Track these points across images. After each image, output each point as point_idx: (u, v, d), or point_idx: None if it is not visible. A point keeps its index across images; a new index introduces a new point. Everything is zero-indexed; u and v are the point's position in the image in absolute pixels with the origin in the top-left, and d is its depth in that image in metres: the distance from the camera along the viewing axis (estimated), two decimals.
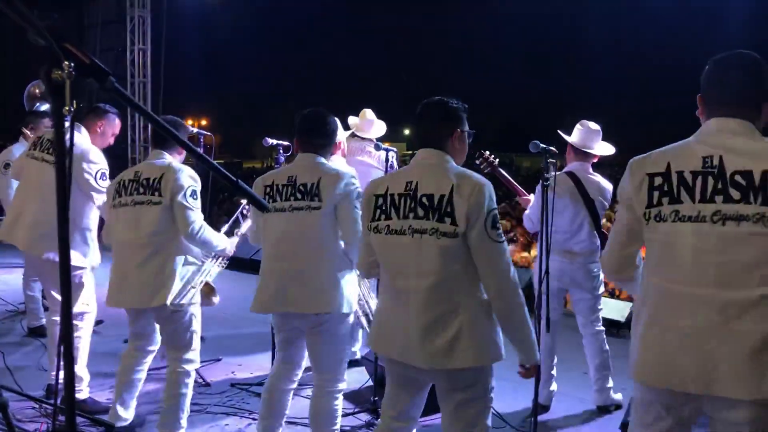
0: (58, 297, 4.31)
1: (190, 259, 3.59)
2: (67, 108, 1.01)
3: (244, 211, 4.30)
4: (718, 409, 2.00)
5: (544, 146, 3.56)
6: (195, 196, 3.48)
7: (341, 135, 5.04)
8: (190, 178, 3.48)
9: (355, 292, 3.23)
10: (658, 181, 2.10)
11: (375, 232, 2.59)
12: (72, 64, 1.02)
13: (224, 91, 64.27)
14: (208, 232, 3.51)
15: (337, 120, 3.36)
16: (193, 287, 3.54)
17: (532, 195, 4.34)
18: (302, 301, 3.10)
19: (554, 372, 4.37)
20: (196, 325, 3.63)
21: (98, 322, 5.98)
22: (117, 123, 4.33)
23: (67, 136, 1.05)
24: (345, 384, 3.33)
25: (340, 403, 3.30)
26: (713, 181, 1.99)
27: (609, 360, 4.32)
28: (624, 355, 2.46)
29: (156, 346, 3.84)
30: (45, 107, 6.05)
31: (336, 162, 4.94)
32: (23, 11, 0.96)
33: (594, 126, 4.25)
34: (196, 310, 3.61)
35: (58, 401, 3.25)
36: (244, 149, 54.34)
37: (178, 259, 3.50)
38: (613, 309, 6.32)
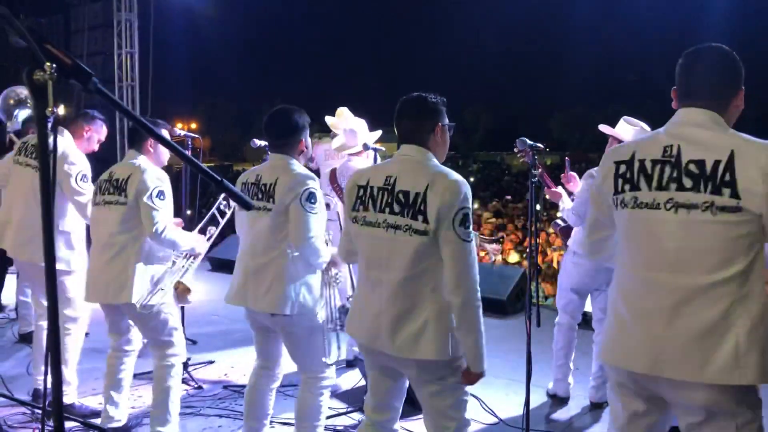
0: (45, 302, 4.31)
1: (157, 259, 3.62)
2: (49, 109, 1.01)
3: (221, 207, 4.29)
4: (670, 390, 2.08)
5: (531, 143, 3.58)
6: (162, 197, 3.50)
7: (368, 136, 4.98)
8: (156, 179, 3.51)
9: (310, 295, 3.15)
10: (622, 168, 2.18)
11: (353, 222, 2.65)
12: (54, 66, 1.02)
13: (213, 94, 64.15)
14: (172, 232, 3.54)
15: (305, 117, 3.26)
16: (162, 288, 3.56)
17: (559, 188, 4.32)
18: (255, 299, 3.15)
19: (571, 366, 4.44)
20: (174, 322, 3.66)
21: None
22: (104, 130, 4.41)
23: (51, 137, 1.05)
24: (330, 381, 3.34)
25: (324, 400, 3.31)
26: (669, 170, 2.07)
27: None
28: None
29: (134, 346, 3.86)
30: (24, 114, 5.98)
31: (358, 164, 4.91)
32: (4, 13, 0.96)
33: (646, 126, 4.12)
34: (171, 309, 3.64)
35: (47, 405, 3.24)
36: (233, 152, 54.26)
37: (142, 259, 3.53)
38: None
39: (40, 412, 4.00)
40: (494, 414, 4.14)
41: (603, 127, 4.23)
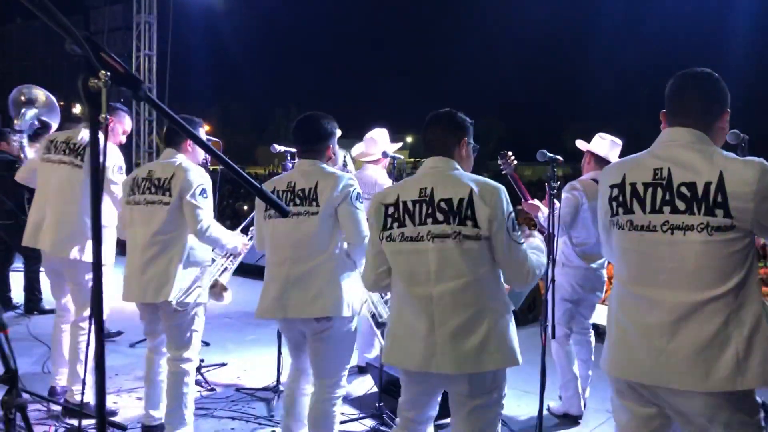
0: (70, 305, 4.30)
1: (199, 258, 3.64)
2: (102, 116, 1.05)
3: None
4: (673, 400, 2.16)
5: (551, 155, 3.60)
6: (204, 195, 3.53)
7: (388, 146, 5.01)
8: (199, 177, 3.53)
9: (358, 295, 3.22)
10: (615, 192, 2.28)
11: (388, 241, 2.61)
12: (108, 74, 1.05)
13: (227, 97, 64.43)
14: (216, 230, 3.56)
15: (334, 124, 3.30)
16: (199, 286, 3.59)
17: (535, 200, 4.35)
18: (302, 306, 3.12)
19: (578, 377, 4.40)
20: (198, 325, 3.68)
21: (118, 333, 6.03)
22: (127, 120, 4.32)
23: (101, 142, 1.08)
24: (344, 390, 3.34)
25: (338, 408, 3.31)
26: (662, 193, 2.15)
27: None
28: None
29: None
30: (31, 113, 6.01)
31: (376, 173, 4.97)
32: (64, 23, 0.99)
33: (617, 140, 4.35)
34: (200, 311, 3.66)
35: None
36: (246, 155, 54.46)
37: (183, 258, 3.55)
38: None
39: (56, 409, 4.04)
40: (507, 425, 4.14)
41: (579, 143, 4.43)
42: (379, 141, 5.07)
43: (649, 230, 2.16)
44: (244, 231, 4.04)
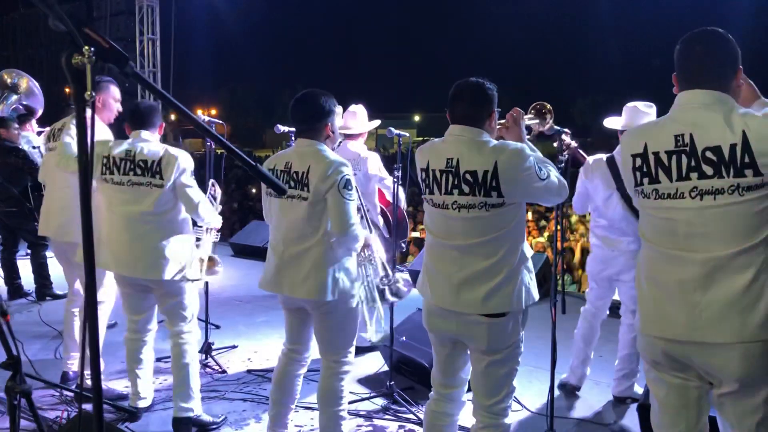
0: (81, 289, 4.38)
1: (187, 234, 3.75)
2: (88, 93, 1.01)
3: (212, 193, 4.40)
4: (707, 359, 2.16)
5: (558, 128, 3.53)
6: (193, 175, 3.69)
7: (367, 122, 5.01)
8: (187, 160, 3.64)
9: (348, 278, 3.20)
10: (638, 162, 2.27)
11: (425, 202, 2.84)
12: (92, 49, 1.02)
13: (233, 80, 64.18)
14: (207, 206, 3.74)
15: (332, 101, 3.23)
16: (191, 262, 3.72)
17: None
18: (293, 286, 3.17)
19: (591, 355, 4.37)
20: (189, 300, 3.76)
21: (112, 325, 6.06)
22: (114, 89, 4.27)
23: (88, 122, 1.05)
24: (351, 366, 3.36)
25: (346, 384, 3.34)
26: (686, 160, 2.14)
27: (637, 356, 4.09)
28: None
29: (153, 326, 3.95)
30: (13, 99, 6.01)
31: (356, 147, 4.93)
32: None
33: (643, 107, 4.02)
34: (190, 286, 3.76)
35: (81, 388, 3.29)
36: (253, 138, 54.37)
37: (174, 234, 3.66)
38: None
39: (69, 394, 4.06)
40: (518, 401, 4.12)
41: (610, 122, 4.18)
42: (359, 114, 5.01)
43: (677, 197, 2.16)
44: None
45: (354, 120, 4.99)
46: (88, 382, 3.82)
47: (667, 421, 2.33)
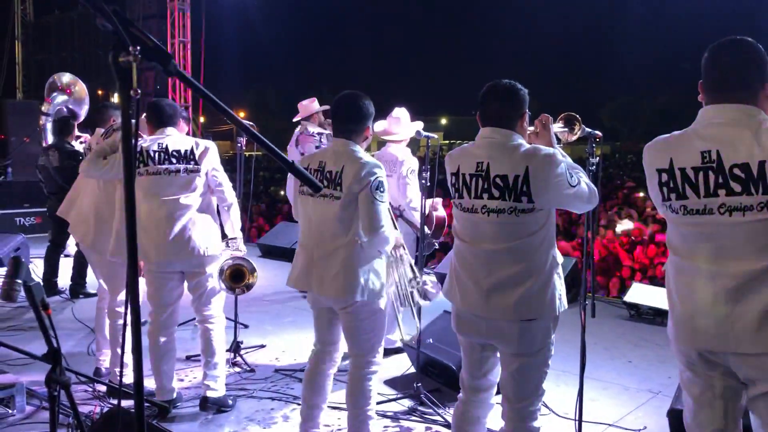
0: (104, 284, 4.48)
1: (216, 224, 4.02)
2: (133, 91, 1.04)
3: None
4: (741, 365, 2.16)
5: (590, 130, 3.50)
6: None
7: (411, 126, 5.05)
8: (216, 150, 3.96)
9: (378, 279, 3.21)
10: (664, 177, 2.25)
11: (454, 207, 2.83)
12: (137, 48, 1.04)
13: (261, 83, 64.73)
14: (232, 191, 4.09)
15: (371, 104, 3.26)
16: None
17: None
18: (321, 285, 3.19)
19: None
20: (213, 282, 3.99)
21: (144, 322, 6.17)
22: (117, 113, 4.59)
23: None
24: (378, 366, 3.37)
25: (374, 384, 3.35)
26: (714, 176, 2.12)
27: None
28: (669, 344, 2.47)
29: (176, 318, 4.05)
30: (60, 99, 6.18)
31: (398, 151, 4.97)
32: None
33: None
34: (214, 269, 4.00)
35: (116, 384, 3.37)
36: (281, 140, 54.70)
37: (210, 219, 3.94)
38: (660, 298, 6.21)
39: (102, 390, 4.13)
40: (545, 405, 4.09)
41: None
42: (403, 120, 5.05)
43: (706, 213, 2.15)
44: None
45: (398, 126, 5.05)
46: (123, 380, 3.89)
47: (703, 419, 2.31)
